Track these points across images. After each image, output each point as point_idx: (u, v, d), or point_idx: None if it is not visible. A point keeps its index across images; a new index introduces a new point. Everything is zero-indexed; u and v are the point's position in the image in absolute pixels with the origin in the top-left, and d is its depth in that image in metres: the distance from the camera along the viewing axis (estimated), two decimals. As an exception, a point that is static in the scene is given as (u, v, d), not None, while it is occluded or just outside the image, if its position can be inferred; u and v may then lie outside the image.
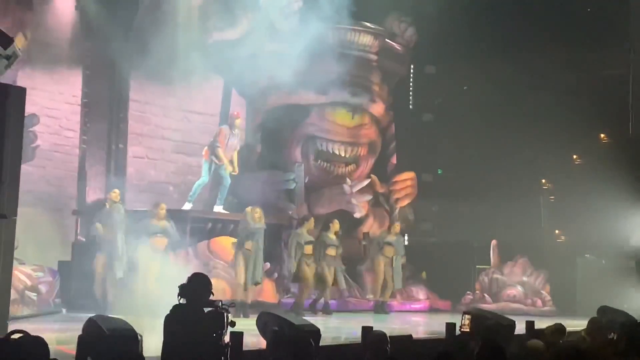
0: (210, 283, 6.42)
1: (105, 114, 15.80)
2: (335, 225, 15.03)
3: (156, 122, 17.20)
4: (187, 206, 14.13)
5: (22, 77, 13.46)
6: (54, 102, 15.42)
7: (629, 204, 16.11)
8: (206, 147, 15.15)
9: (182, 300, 6.17)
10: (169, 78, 15.74)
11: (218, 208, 14.46)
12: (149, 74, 15.30)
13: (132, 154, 16.51)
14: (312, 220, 14.78)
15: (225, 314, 6.29)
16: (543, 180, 19.16)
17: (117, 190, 13.49)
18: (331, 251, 14.75)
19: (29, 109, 10.41)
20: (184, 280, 6.30)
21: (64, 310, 13.18)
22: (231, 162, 14.83)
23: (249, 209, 13.72)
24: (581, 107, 17.39)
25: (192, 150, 16.56)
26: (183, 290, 6.26)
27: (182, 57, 15.67)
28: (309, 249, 14.45)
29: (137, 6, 15.73)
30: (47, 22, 15.16)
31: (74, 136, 15.75)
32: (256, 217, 13.52)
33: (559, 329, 7.65)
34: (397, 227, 16.19)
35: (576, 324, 8.52)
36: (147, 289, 11.93)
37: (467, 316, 7.43)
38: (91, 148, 15.65)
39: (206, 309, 6.23)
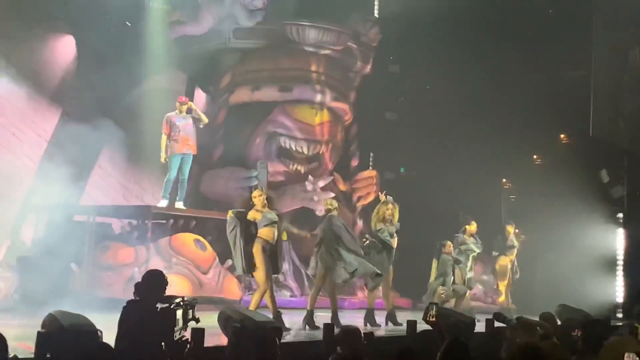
0: (164, 280, 6.41)
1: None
2: None
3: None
4: (163, 203, 13.97)
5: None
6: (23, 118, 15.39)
7: (588, 203, 16.32)
8: None
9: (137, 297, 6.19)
10: (135, 74, 15.71)
11: (178, 204, 14.27)
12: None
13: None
14: None
15: (182, 310, 6.29)
16: (504, 180, 19.34)
17: None
18: None
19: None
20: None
21: (22, 307, 13.02)
22: (187, 144, 14.20)
23: None
24: (542, 107, 17.58)
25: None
26: (138, 287, 6.29)
27: (146, 53, 15.68)
28: None
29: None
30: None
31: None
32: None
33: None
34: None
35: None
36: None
37: (434, 307, 7.48)
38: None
39: (160, 306, 6.23)
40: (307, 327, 11.17)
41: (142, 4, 16.32)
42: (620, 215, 17.09)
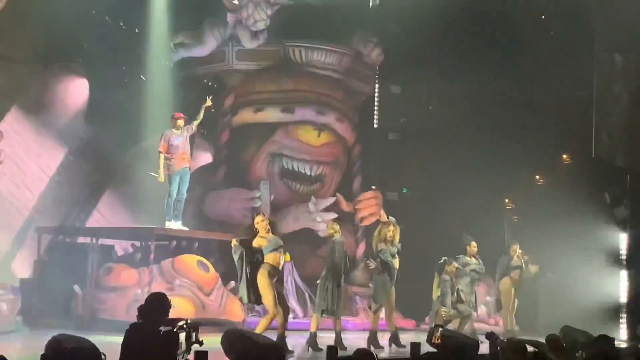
0: (168, 303, 6.41)
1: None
2: None
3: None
4: (171, 225, 13.97)
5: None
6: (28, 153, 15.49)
7: (591, 224, 16.30)
8: None
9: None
10: (141, 132, 15.87)
11: (176, 224, 14.21)
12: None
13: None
14: None
15: (186, 333, 6.29)
16: (506, 200, 19.32)
17: None
18: None
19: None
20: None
21: (25, 329, 13.02)
22: (184, 158, 14.20)
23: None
24: (544, 128, 17.59)
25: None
26: (141, 310, 6.29)
27: (150, 74, 15.86)
28: None
29: None
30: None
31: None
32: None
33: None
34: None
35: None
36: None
37: (439, 329, 7.48)
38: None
39: (164, 328, 6.22)
40: (310, 349, 11.15)
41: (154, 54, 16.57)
42: (624, 235, 17.05)
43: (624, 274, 16.83)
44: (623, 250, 16.99)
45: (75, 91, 16.04)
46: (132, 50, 16.32)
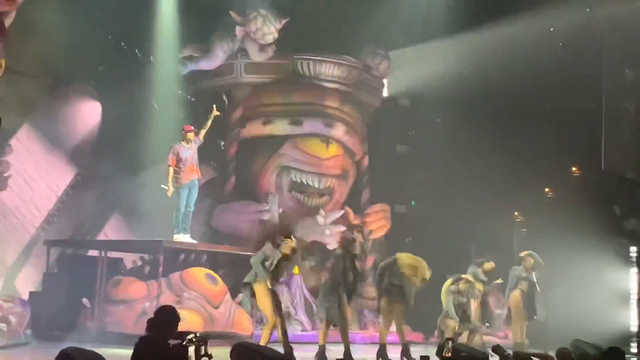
0: (177, 316, 6.41)
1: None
2: None
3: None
4: (181, 237, 14.00)
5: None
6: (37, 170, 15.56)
7: (600, 237, 16.24)
8: None
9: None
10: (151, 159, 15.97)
11: (185, 237, 14.25)
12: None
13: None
14: None
15: (195, 346, 6.28)
16: (515, 213, 19.28)
17: None
18: None
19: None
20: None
21: (34, 342, 13.02)
22: (193, 170, 14.28)
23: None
24: (553, 141, 17.58)
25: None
26: (150, 323, 6.29)
27: (158, 89, 15.93)
28: None
29: None
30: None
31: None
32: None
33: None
34: None
35: (549, 357, 8.54)
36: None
37: (449, 342, 7.47)
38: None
39: (173, 342, 6.22)
40: (319, 362, 11.11)
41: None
42: (634, 248, 16.99)
43: (634, 287, 16.77)
44: (633, 264, 16.92)
45: (88, 113, 16.16)
46: (145, 77, 16.43)
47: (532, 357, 7.24)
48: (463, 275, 13.32)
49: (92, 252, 14.77)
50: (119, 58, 16.28)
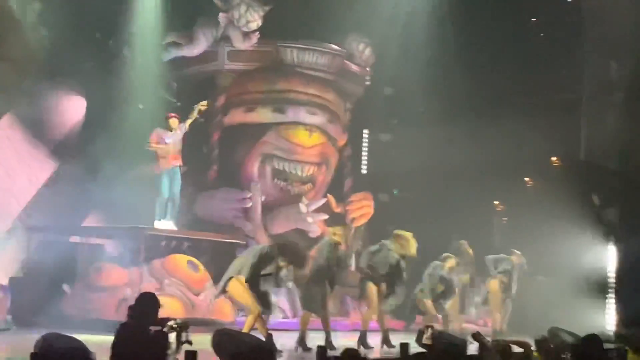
0: (157, 302, 6.44)
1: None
2: None
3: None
4: (167, 225, 14.01)
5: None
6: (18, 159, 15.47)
7: (580, 226, 16.37)
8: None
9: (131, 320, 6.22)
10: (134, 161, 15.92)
11: (168, 224, 14.26)
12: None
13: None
14: None
15: (176, 333, 6.32)
16: (496, 202, 19.40)
17: None
18: None
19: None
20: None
21: (14, 328, 13.00)
22: (175, 158, 14.32)
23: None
24: (534, 131, 17.68)
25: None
26: (131, 309, 6.31)
27: (139, 76, 15.87)
28: None
29: None
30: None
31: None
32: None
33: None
34: None
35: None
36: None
37: (429, 329, 7.54)
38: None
39: (154, 328, 6.25)
40: (299, 349, 11.18)
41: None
42: (612, 237, 17.13)
43: (612, 275, 16.94)
44: (612, 253, 17.08)
45: (72, 108, 16.06)
46: (130, 75, 16.35)
47: (510, 345, 7.32)
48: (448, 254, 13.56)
49: (74, 239, 14.74)
50: (106, 56, 16.21)
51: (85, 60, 15.72)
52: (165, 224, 14.37)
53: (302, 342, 11.23)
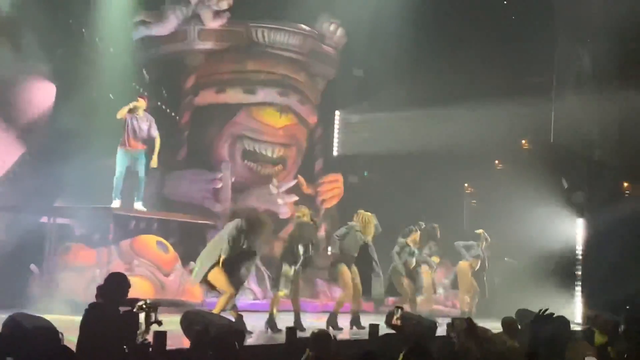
0: (127, 283, 6.42)
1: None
2: None
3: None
4: (117, 204, 13.90)
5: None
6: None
7: (548, 209, 16.53)
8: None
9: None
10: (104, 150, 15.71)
11: (137, 205, 14.18)
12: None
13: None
14: None
15: (145, 313, 6.30)
16: (466, 185, 19.50)
17: None
18: None
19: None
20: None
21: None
22: (135, 144, 14.25)
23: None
24: (503, 113, 17.77)
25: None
26: (100, 290, 6.29)
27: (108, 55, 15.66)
28: None
29: None
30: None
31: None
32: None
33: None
34: None
35: (493, 326, 8.71)
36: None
37: (399, 310, 7.57)
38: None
39: (123, 309, 6.24)
40: (269, 330, 11.20)
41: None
42: (580, 220, 17.32)
43: (579, 257, 17.14)
44: (579, 236, 17.27)
45: (42, 94, 15.82)
46: (105, 67, 16.14)
47: (474, 322, 7.35)
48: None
49: (42, 219, 14.58)
50: (77, 42, 15.98)
51: (57, 46, 15.50)
52: (136, 205, 14.25)
53: (271, 323, 11.24)
